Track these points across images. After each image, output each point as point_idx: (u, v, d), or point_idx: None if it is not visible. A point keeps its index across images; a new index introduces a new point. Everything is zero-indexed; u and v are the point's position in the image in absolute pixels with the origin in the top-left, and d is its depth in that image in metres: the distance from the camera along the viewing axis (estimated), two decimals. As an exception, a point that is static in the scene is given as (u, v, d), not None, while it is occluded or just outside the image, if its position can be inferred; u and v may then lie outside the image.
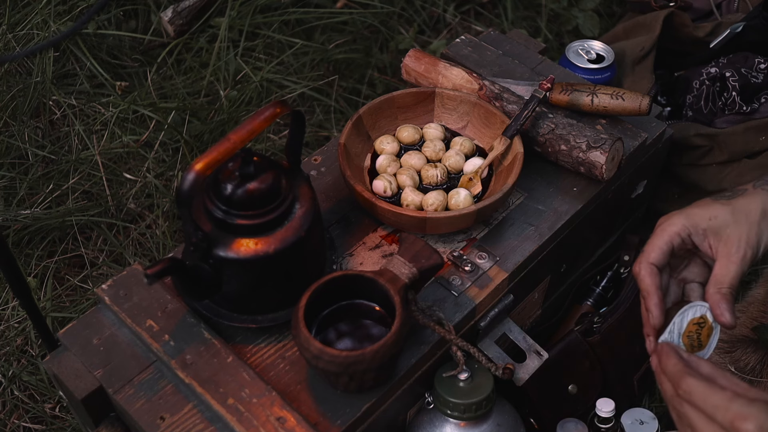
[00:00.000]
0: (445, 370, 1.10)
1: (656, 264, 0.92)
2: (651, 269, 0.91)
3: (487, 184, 1.20)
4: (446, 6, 1.98)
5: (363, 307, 1.06)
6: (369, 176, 1.21)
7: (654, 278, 0.91)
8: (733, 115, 1.43)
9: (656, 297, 0.91)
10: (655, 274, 0.91)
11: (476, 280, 1.12)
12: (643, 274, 0.92)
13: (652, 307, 0.91)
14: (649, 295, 0.91)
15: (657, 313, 0.91)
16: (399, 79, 1.84)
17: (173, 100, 1.73)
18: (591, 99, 1.24)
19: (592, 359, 1.30)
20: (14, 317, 1.47)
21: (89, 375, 1.03)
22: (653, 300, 0.91)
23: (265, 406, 0.99)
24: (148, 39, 1.83)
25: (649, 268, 0.92)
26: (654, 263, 0.92)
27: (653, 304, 0.91)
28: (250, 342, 1.07)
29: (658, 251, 0.92)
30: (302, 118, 1.04)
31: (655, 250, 0.92)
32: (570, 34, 1.93)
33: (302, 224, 1.02)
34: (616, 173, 1.22)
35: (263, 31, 1.85)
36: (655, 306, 0.91)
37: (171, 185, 1.65)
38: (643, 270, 0.92)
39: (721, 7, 1.63)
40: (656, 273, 0.92)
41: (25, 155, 1.65)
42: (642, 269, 0.92)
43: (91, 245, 1.59)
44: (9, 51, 1.73)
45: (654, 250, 0.92)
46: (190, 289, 1.02)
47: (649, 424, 1.27)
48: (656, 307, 0.91)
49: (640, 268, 0.92)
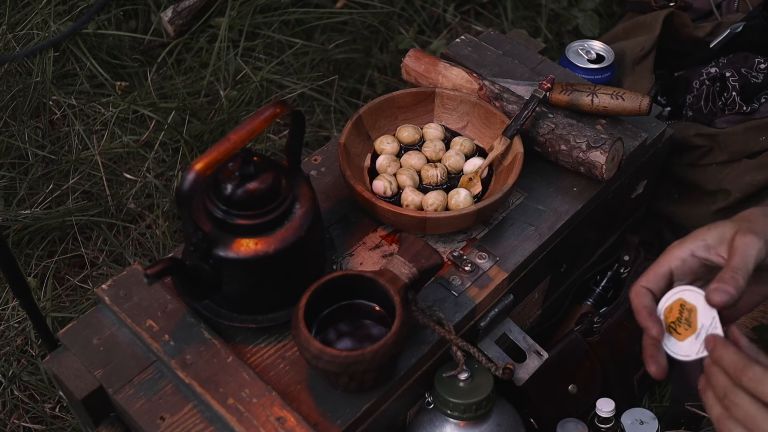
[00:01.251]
0: (445, 370, 1.10)
1: (646, 286, 0.91)
2: (638, 290, 0.91)
3: (487, 184, 1.20)
4: (446, 6, 1.98)
5: (363, 307, 1.06)
6: (369, 176, 1.21)
7: (641, 298, 0.91)
8: (733, 115, 1.43)
9: (644, 312, 0.90)
10: (642, 294, 0.91)
11: (476, 280, 1.12)
12: (631, 296, 0.92)
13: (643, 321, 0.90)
14: (637, 313, 0.91)
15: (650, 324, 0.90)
16: (399, 79, 1.84)
17: (173, 100, 1.73)
18: (591, 99, 1.24)
19: (592, 359, 1.30)
20: (14, 317, 1.48)
21: (89, 375, 1.03)
22: (642, 315, 0.90)
23: (265, 406, 0.99)
24: (148, 39, 1.83)
25: (637, 289, 0.92)
26: (644, 285, 0.92)
27: (643, 318, 0.90)
28: (250, 342, 1.07)
29: (651, 274, 0.92)
30: (302, 118, 1.04)
31: (647, 274, 0.92)
32: (570, 34, 1.93)
33: (302, 224, 1.02)
34: (616, 173, 1.22)
35: (263, 31, 1.85)
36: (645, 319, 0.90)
37: (171, 185, 1.65)
38: (632, 292, 0.92)
39: (721, 7, 1.63)
40: (644, 293, 0.91)
41: (25, 155, 1.65)
42: (632, 291, 0.92)
43: (91, 245, 1.59)
44: (9, 51, 1.73)
45: (647, 273, 0.92)
46: (190, 289, 1.02)
47: (649, 424, 1.27)
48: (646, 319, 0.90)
49: (631, 291, 0.92)
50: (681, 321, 0.90)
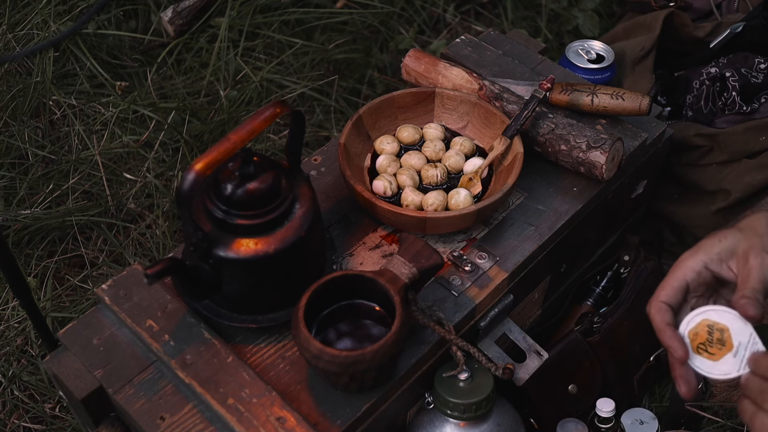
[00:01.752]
0: (445, 370, 1.10)
1: (666, 301, 0.91)
2: (659, 306, 0.91)
3: (487, 184, 1.20)
4: (446, 6, 1.98)
5: (363, 307, 1.06)
6: (369, 176, 1.21)
7: (663, 315, 0.91)
8: (733, 115, 1.43)
9: (668, 331, 0.90)
10: (664, 310, 0.91)
11: (476, 280, 1.12)
12: (652, 312, 0.91)
13: (668, 341, 0.90)
14: (660, 332, 0.91)
15: (676, 344, 0.90)
16: (399, 79, 1.84)
17: (173, 100, 1.73)
18: (591, 99, 1.24)
19: (592, 359, 1.30)
20: (14, 317, 1.47)
21: (89, 375, 1.03)
22: (666, 334, 0.90)
23: (265, 406, 0.99)
24: (148, 39, 1.83)
25: (658, 305, 0.91)
26: (663, 301, 0.91)
27: (667, 338, 0.90)
28: (250, 342, 1.07)
29: (669, 288, 0.92)
30: (302, 118, 1.04)
31: (665, 288, 0.92)
32: (570, 34, 1.93)
33: (302, 224, 1.02)
34: (616, 173, 1.22)
35: (263, 31, 1.85)
36: (670, 339, 0.90)
37: (171, 185, 1.65)
38: (653, 308, 0.91)
39: (721, 7, 1.63)
40: (665, 310, 0.91)
41: (25, 155, 1.65)
42: (652, 308, 0.92)
43: (91, 245, 1.59)
44: (9, 51, 1.73)
45: (664, 288, 0.92)
46: (190, 289, 1.02)
47: (649, 424, 1.27)
48: (671, 339, 0.90)
49: (650, 307, 0.92)
50: (712, 342, 0.90)
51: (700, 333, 0.90)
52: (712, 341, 0.90)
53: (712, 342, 0.90)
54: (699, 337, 0.90)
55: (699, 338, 0.90)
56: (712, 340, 0.90)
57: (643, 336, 1.32)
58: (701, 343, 0.90)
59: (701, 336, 0.90)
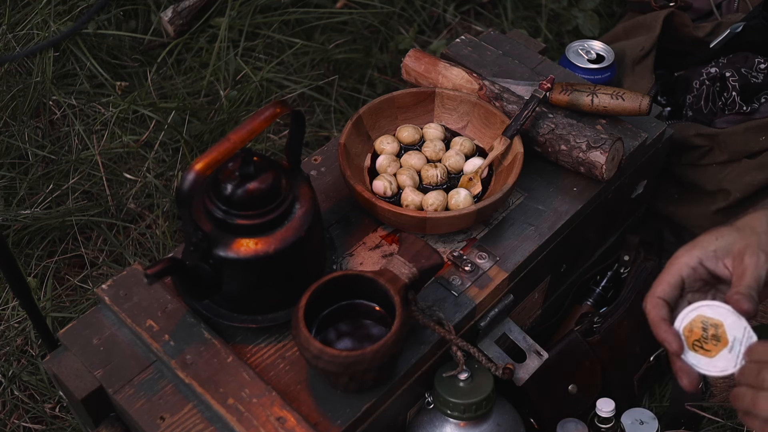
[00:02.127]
0: (445, 370, 1.10)
1: (661, 296, 0.91)
2: (655, 302, 0.91)
3: (487, 184, 1.20)
4: (446, 6, 1.98)
5: (363, 307, 1.06)
6: (369, 176, 1.21)
7: (658, 310, 0.91)
8: (733, 115, 1.43)
9: (663, 325, 0.90)
10: (660, 306, 0.91)
11: (476, 280, 1.12)
12: (648, 307, 0.92)
13: (662, 334, 0.90)
14: (655, 327, 0.91)
15: (670, 338, 0.90)
16: (399, 79, 1.84)
17: (173, 100, 1.73)
18: (591, 99, 1.24)
19: (592, 359, 1.30)
20: (14, 317, 1.47)
21: (89, 375, 1.03)
22: (661, 328, 0.90)
23: (265, 406, 0.99)
24: (148, 39, 1.83)
25: (654, 300, 0.91)
26: (659, 296, 0.91)
27: (662, 332, 0.90)
28: (250, 342, 1.07)
29: (664, 284, 0.92)
30: (302, 118, 1.04)
31: (661, 284, 0.92)
32: (570, 34, 1.93)
33: (302, 224, 1.02)
34: (616, 173, 1.22)
35: (263, 31, 1.85)
36: (665, 332, 0.90)
37: (171, 185, 1.65)
38: (649, 304, 0.92)
39: (721, 7, 1.63)
40: (661, 305, 0.91)
41: (25, 155, 1.65)
42: (647, 303, 0.92)
43: (91, 245, 1.59)
44: (9, 51, 1.73)
45: (660, 283, 0.92)
46: (190, 289, 1.02)
47: (649, 424, 1.27)
48: (666, 333, 0.90)
49: (646, 302, 0.92)
50: (707, 338, 0.90)
51: (695, 329, 0.90)
52: (707, 337, 0.90)
53: (707, 338, 0.90)
54: (694, 333, 0.90)
55: (694, 335, 0.90)
56: (707, 337, 0.90)
57: (643, 336, 1.32)
58: (696, 339, 0.90)
59: (696, 333, 0.90)
